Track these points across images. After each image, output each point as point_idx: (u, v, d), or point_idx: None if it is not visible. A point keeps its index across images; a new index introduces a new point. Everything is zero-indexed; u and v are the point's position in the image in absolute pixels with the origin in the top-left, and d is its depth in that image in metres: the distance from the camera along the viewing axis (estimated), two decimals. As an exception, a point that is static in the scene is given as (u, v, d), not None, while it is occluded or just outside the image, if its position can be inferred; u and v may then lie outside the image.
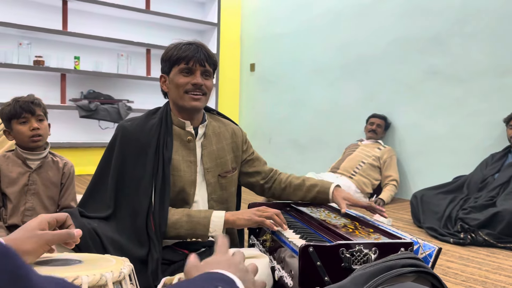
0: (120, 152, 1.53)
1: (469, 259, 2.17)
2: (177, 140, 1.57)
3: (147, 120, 1.58)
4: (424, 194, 2.93)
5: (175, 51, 1.52)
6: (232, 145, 1.71)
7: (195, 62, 1.51)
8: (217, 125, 1.70)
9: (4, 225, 1.76)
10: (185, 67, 1.51)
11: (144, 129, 1.54)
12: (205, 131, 1.63)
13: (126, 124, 1.57)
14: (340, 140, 4.39)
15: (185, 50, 1.51)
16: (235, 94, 5.90)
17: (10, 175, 1.77)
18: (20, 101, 1.75)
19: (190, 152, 1.58)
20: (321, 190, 1.75)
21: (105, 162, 1.57)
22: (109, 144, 1.59)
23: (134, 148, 1.52)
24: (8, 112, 1.74)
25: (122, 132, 1.55)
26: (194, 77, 1.51)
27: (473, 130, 3.38)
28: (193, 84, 1.51)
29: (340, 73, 4.47)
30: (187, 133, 1.58)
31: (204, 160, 1.60)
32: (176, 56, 1.51)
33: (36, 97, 1.81)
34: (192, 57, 1.50)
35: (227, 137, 1.70)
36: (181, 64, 1.51)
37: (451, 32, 3.52)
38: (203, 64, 1.52)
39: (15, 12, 4.43)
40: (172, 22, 5.35)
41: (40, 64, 4.40)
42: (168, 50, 1.56)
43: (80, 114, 4.58)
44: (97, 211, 1.49)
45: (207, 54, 1.54)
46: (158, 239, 1.41)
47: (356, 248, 1.27)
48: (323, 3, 4.66)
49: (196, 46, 1.53)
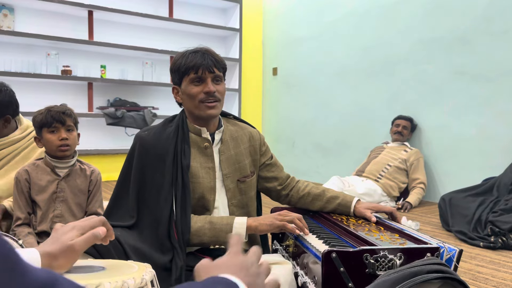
0: (139, 162, 1.54)
1: (500, 263, 2.11)
2: (194, 147, 1.57)
3: (164, 128, 1.59)
4: (452, 197, 2.86)
5: (182, 60, 1.51)
6: (250, 149, 1.69)
7: (204, 70, 1.49)
8: (234, 130, 1.68)
9: (34, 232, 1.81)
10: (195, 77, 1.50)
11: (161, 138, 1.55)
12: (222, 137, 1.62)
13: (143, 134, 1.57)
14: (365, 142, 4.34)
15: (192, 59, 1.49)
16: (258, 99, 5.91)
17: (40, 183, 1.82)
18: (52, 111, 1.79)
19: (208, 159, 1.57)
20: (343, 203, 1.73)
21: (125, 173, 1.58)
22: (128, 155, 1.60)
23: (152, 157, 1.52)
24: (40, 120, 1.79)
25: (139, 142, 1.55)
26: (205, 85, 1.50)
27: (503, 130, 3.29)
28: (205, 92, 1.50)
29: (364, 75, 4.43)
30: (204, 140, 1.58)
31: (222, 166, 1.59)
32: (185, 67, 1.50)
33: (68, 107, 1.85)
34: (201, 65, 1.48)
35: (244, 141, 1.68)
36: (190, 74, 1.50)
37: (477, 31, 3.44)
38: (212, 70, 1.50)
39: (43, 23, 4.57)
40: (195, 29, 5.41)
41: (67, 73, 4.52)
42: (175, 60, 1.55)
43: (107, 121, 4.67)
44: (121, 221, 1.51)
45: (214, 59, 1.52)
46: (182, 247, 1.42)
47: (380, 254, 1.24)
48: (345, 6, 4.63)
49: (202, 53, 1.51)
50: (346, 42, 4.64)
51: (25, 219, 1.81)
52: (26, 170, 1.83)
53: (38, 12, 4.57)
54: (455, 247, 1.30)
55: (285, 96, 5.55)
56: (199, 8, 5.57)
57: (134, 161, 1.55)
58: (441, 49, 3.71)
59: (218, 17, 5.76)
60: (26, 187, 1.81)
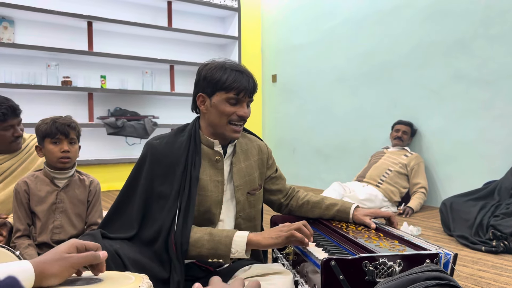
0: (149, 171, 1.50)
1: (502, 267, 2.10)
2: (205, 160, 1.53)
3: (176, 138, 1.55)
4: (453, 202, 2.85)
5: (224, 75, 1.44)
6: (258, 162, 1.67)
7: (245, 94, 1.46)
8: (244, 142, 1.66)
9: (34, 243, 1.81)
10: (234, 97, 1.45)
11: (173, 147, 1.51)
12: (234, 149, 1.60)
13: (155, 142, 1.53)
14: (365, 148, 4.34)
15: (236, 79, 1.44)
16: (258, 106, 5.92)
17: (39, 193, 1.82)
18: (57, 122, 1.79)
19: (218, 172, 1.54)
20: (341, 210, 1.73)
21: (132, 181, 1.55)
22: (137, 162, 1.55)
23: (163, 167, 1.49)
24: (44, 130, 1.80)
25: (151, 150, 1.51)
26: (241, 108, 1.47)
27: (503, 133, 3.28)
28: (239, 115, 1.47)
29: (363, 80, 4.44)
30: (216, 153, 1.55)
31: (234, 178, 1.56)
32: (227, 84, 1.44)
33: (73, 120, 1.86)
34: (244, 89, 1.45)
35: (254, 153, 1.67)
36: (230, 93, 1.44)
37: (475, 35, 3.45)
38: (251, 96, 1.49)
39: (42, 35, 4.59)
40: (194, 38, 5.44)
41: (68, 84, 4.54)
42: (212, 70, 1.47)
43: (108, 131, 4.68)
44: (121, 230, 1.48)
45: (255, 84, 1.49)
46: (179, 259, 1.38)
47: (379, 261, 1.24)
48: (343, 12, 4.65)
49: (247, 76, 1.47)
50: (345, 48, 4.65)
51: (25, 231, 1.81)
52: (25, 182, 1.83)
53: (37, 24, 4.59)
54: (450, 251, 1.30)
55: (284, 103, 5.56)
56: (197, 17, 5.60)
57: (144, 169, 1.52)
58: (439, 53, 3.71)
59: (216, 25, 5.79)
60: (25, 198, 1.81)
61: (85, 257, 0.86)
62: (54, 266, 0.81)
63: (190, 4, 5.29)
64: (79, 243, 0.88)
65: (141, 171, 1.53)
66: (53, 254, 0.83)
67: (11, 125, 2.01)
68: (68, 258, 0.83)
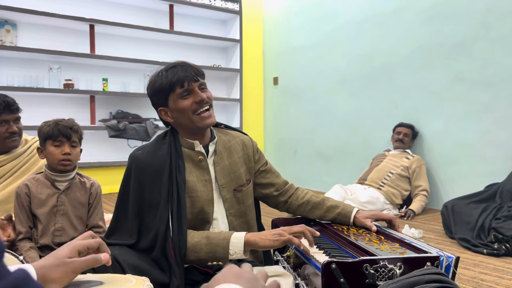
0: (136, 182, 1.52)
1: (504, 270, 2.09)
2: (188, 162, 1.55)
3: (158, 145, 1.57)
4: (455, 204, 2.85)
5: (162, 80, 1.49)
6: (244, 157, 1.68)
7: (190, 81, 1.48)
8: (226, 139, 1.67)
9: (35, 246, 1.81)
10: (183, 90, 1.48)
11: (156, 155, 1.53)
12: (216, 148, 1.62)
13: (138, 153, 1.56)
14: (366, 150, 4.33)
15: (173, 75, 1.48)
16: (260, 108, 5.93)
17: (40, 196, 1.83)
18: (60, 125, 1.80)
19: (204, 171, 1.56)
20: (343, 213, 1.72)
21: (123, 194, 1.57)
22: (124, 176, 1.58)
23: (149, 175, 1.51)
24: (46, 132, 1.80)
25: (135, 162, 1.54)
26: (195, 95, 1.49)
27: (504, 135, 3.28)
28: (197, 102, 1.49)
29: (364, 83, 4.44)
30: (198, 153, 1.56)
31: (218, 177, 1.58)
32: (168, 84, 1.48)
33: (75, 123, 1.86)
34: (185, 78, 1.48)
35: (238, 150, 1.67)
36: (176, 89, 1.48)
37: (476, 37, 3.45)
38: (196, 79, 1.50)
39: (45, 38, 4.61)
40: (196, 41, 5.45)
41: (70, 87, 4.55)
42: (153, 83, 1.52)
43: (110, 134, 4.69)
44: (122, 240, 1.51)
45: (195, 68, 1.51)
46: (179, 264, 1.39)
47: (380, 264, 1.24)
48: (344, 14, 4.66)
49: (182, 66, 1.50)
50: (346, 50, 4.65)
51: (27, 233, 1.82)
52: (26, 184, 1.83)
53: (40, 27, 4.61)
54: (452, 254, 1.30)
55: (286, 105, 5.56)
56: (199, 20, 5.61)
57: (131, 181, 1.54)
58: (440, 55, 3.72)
59: (218, 28, 5.80)
60: (26, 201, 1.82)
61: (86, 262, 0.85)
62: (55, 271, 0.80)
63: (191, 7, 5.31)
64: (81, 246, 0.87)
65: (128, 183, 1.55)
66: (55, 259, 0.82)
67: (5, 120, 2.02)
68: (69, 264, 0.83)
